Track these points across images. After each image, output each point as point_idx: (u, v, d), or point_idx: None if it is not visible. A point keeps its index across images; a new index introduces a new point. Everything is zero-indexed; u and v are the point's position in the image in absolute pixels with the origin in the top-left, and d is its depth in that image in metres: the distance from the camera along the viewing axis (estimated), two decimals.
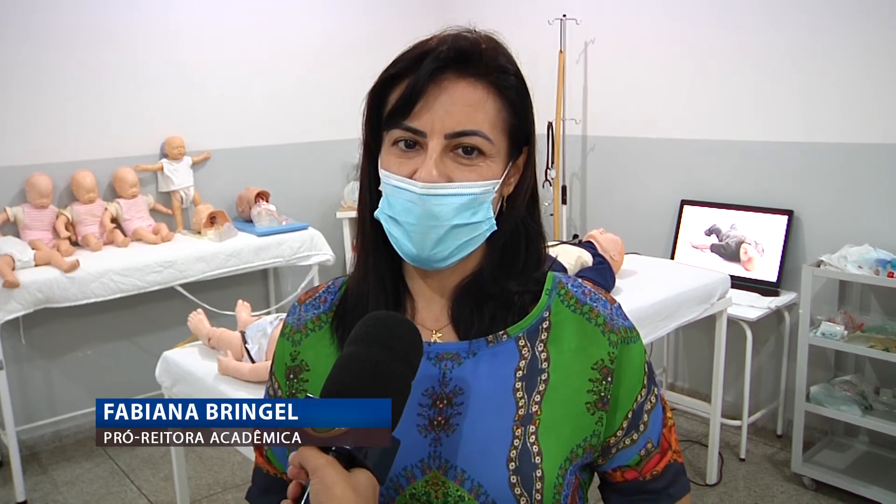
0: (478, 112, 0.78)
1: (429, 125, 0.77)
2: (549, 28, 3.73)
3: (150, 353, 3.36)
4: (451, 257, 0.81)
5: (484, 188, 0.79)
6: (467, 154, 0.79)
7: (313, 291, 0.94)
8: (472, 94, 0.78)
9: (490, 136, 0.79)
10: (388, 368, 0.71)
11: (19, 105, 3.21)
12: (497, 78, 0.80)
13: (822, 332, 2.81)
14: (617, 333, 0.85)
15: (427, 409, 0.82)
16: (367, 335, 0.73)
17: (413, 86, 0.77)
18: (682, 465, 0.92)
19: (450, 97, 0.78)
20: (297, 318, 0.92)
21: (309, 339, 0.90)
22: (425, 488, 0.80)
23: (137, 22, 3.47)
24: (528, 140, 0.85)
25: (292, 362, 0.90)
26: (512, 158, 0.83)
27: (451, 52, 0.78)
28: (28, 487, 2.98)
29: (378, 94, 0.82)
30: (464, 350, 0.84)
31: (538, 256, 0.88)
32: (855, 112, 2.96)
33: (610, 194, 3.91)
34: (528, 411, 0.81)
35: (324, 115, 4.09)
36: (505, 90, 0.80)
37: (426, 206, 0.78)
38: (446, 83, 0.78)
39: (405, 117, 0.78)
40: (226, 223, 3.48)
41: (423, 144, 0.78)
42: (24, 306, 2.81)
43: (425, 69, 0.77)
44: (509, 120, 0.81)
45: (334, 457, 0.65)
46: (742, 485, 2.98)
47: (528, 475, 0.79)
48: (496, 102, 0.80)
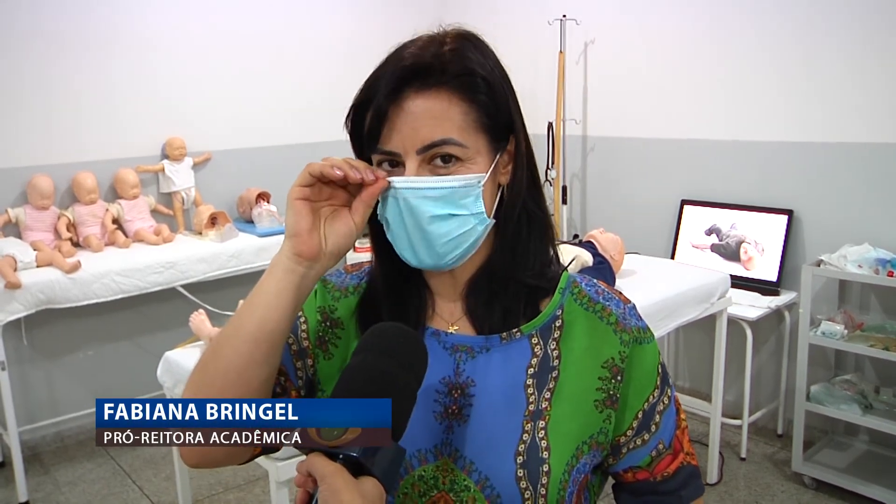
0: (442, 121, 0.78)
1: (400, 146, 0.79)
2: (549, 28, 3.73)
3: (151, 354, 3.36)
4: (449, 255, 0.81)
5: (464, 181, 0.79)
6: (445, 163, 0.79)
7: (357, 266, 0.96)
8: (433, 105, 0.78)
9: (461, 141, 0.79)
10: (395, 377, 0.71)
11: (21, 107, 3.21)
12: (458, 83, 0.79)
13: (823, 331, 2.81)
14: (629, 333, 0.86)
15: (443, 397, 0.84)
16: (374, 345, 0.74)
17: (376, 112, 0.79)
18: (696, 467, 0.91)
19: (412, 115, 0.78)
20: (340, 280, 0.94)
21: (348, 300, 0.92)
22: (434, 473, 0.82)
23: (139, 24, 3.47)
24: (513, 128, 0.84)
25: (331, 313, 0.91)
26: (498, 151, 0.83)
27: (406, 70, 0.78)
28: (30, 488, 2.99)
29: (354, 121, 0.83)
30: (478, 344, 0.85)
31: (547, 246, 0.88)
32: (855, 112, 2.96)
33: (610, 194, 3.91)
34: (538, 407, 0.83)
35: (324, 115, 4.05)
36: (470, 92, 0.80)
37: (405, 200, 0.79)
38: (406, 102, 0.78)
39: (377, 142, 0.80)
40: (227, 224, 3.49)
41: (402, 163, 0.80)
42: (25, 307, 2.81)
43: (383, 93, 0.78)
44: (480, 119, 0.81)
45: (342, 464, 0.65)
46: (742, 484, 2.99)
47: (535, 469, 0.80)
48: (461, 107, 0.79)
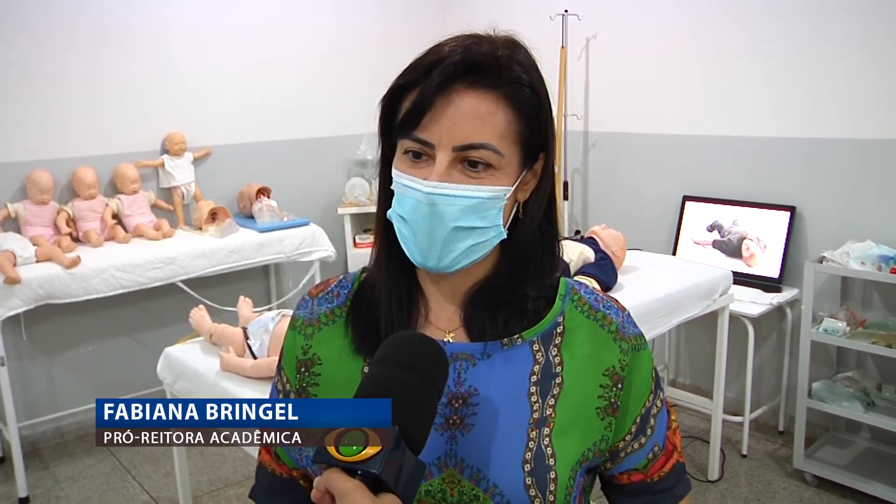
0: (486, 125, 0.77)
1: (436, 137, 0.77)
2: (550, 23, 3.72)
3: (151, 350, 3.35)
4: (457, 263, 0.80)
5: (493, 193, 0.78)
6: (473, 167, 0.78)
7: (324, 285, 0.93)
8: (481, 105, 0.77)
9: (499, 149, 0.77)
10: (416, 391, 0.70)
11: (20, 101, 3.20)
12: (510, 90, 0.78)
13: (825, 328, 2.81)
14: (628, 341, 0.86)
15: (443, 408, 0.82)
16: (393, 356, 0.71)
17: (422, 97, 0.77)
18: (683, 464, 0.93)
19: (458, 109, 0.76)
20: (309, 311, 0.91)
21: (322, 333, 0.89)
22: (441, 486, 0.80)
23: (138, 17, 3.46)
24: (545, 147, 0.83)
25: (304, 355, 0.89)
26: (526, 166, 0.82)
27: (461, 63, 0.76)
28: (30, 483, 2.99)
29: (390, 102, 0.81)
30: (478, 351, 0.84)
31: (553, 261, 0.87)
32: (857, 108, 2.95)
33: (612, 190, 3.90)
34: (543, 414, 0.82)
35: (325, 110, 4.08)
36: (518, 102, 0.79)
37: (433, 205, 0.77)
38: (455, 95, 0.76)
39: (414, 128, 0.77)
40: (227, 219, 3.48)
41: (432, 156, 0.78)
42: (25, 302, 2.81)
43: (434, 80, 0.76)
44: (521, 131, 0.79)
45: (361, 481, 0.64)
46: (744, 481, 2.98)
47: (543, 476, 0.79)
48: (507, 114, 0.78)
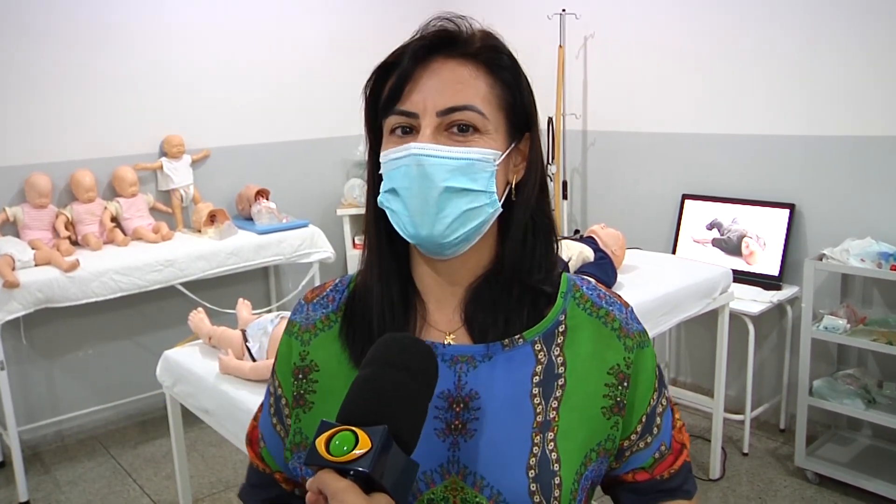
0: (468, 88, 0.78)
1: (420, 105, 0.77)
2: (548, 23, 3.72)
3: (150, 352, 3.35)
4: (453, 232, 0.78)
5: (481, 155, 0.78)
6: (462, 132, 0.78)
7: (320, 290, 0.92)
8: (461, 71, 0.78)
9: (483, 111, 0.78)
10: (407, 390, 0.69)
11: (18, 105, 3.20)
12: (488, 56, 0.80)
13: (825, 325, 2.80)
14: (632, 338, 0.85)
15: (444, 413, 0.80)
16: (382, 357, 0.71)
17: (402, 71, 0.78)
18: (689, 463, 0.93)
19: (438, 76, 0.78)
20: (305, 316, 0.90)
21: (318, 338, 0.88)
22: (444, 493, 0.78)
23: (136, 20, 3.45)
24: (530, 124, 0.84)
25: (301, 362, 0.87)
26: (514, 140, 0.82)
27: (436, 34, 0.79)
28: (30, 487, 2.98)
29: (373, 88, 0.82)
30: (479, 353, 0.82)
31: (551, 254, 0.86)
32: (856, 105, 2.94)
33: (611, 189, 3.90)
34: (546, 417, 0.80)
35: (323, 111, 4.08)
36: (497, 68, 0.80)
37: (420, 166, 0.77)
38: (434, 65, 0.78)
39: (397, 102, 0.78)
40: (226, 221, 3.47)
41: (417, 127, 0.78)
42: (24, 306, 2.80)
43: (410, 52, 0.78)
44: (504, 96, 0.80)
45: (353, 481, 0.64)
46: (745, 479, 2.98)
47: (548, 482, 0.78)
48: (488, 79, 0.80)
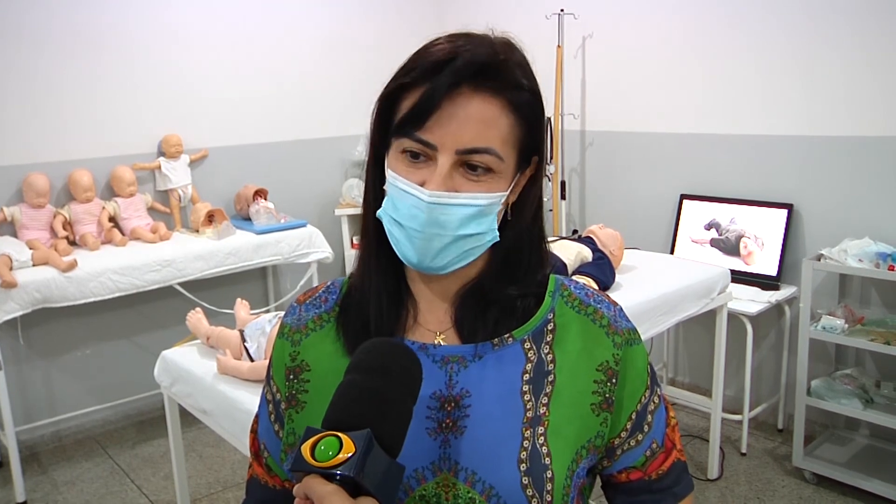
0: (490, 129, 0.76)
1: (440, 140, 0.76)
2: (546, 23, 3.72)
3: (148, 353, 3.35)
4: (452, 265, 0.80)
5: (490, 200, 0.78)
6: (473, 170, 0.77)
7: (312, 291, 0.93)
8: (486, 110, 0.76)
9: (501, 154, 0.77)
10: (389, 394, 0.69)
11: (16, 104, 3.19)
12: (512, 95, 0.78)
13: (823, 325, 2.81)
14: (621, 335, 0.85)
15: (435, 412, 0.81)
16: (364, 362, 0.71)
17: (428, 98, 0.75)
18: (685, 463, 0.92)
19: (464, 112, 0.75)
20: (296, 318, 0.91)
21: (309, 339, 0.89)
22: (436, 490, 0.79)
23: (134, 20, 3.45)
24: (538, 150, 0.83)
25: (292, 362, 0.88)
26: (520, 170, 0.82)
27: (468, 65, 0.75)
28: (28, 488, 2.98)
29: (388, 100, 0.80)
30: (469, 353, 0.83)
31: (541, 260, 0.87)
32: (855, 105, 2.95)
33: (609, 189, 3.90)
34: (536, 413, 0.81)
35: (321, 111, 4.08)
36: (519, 107, 0.78)
37: (433, 214, 0.76)
38: (461, 98, 0.75)
39: (417, 129, 0.76)
40: (224, 221, 3.47)
41: (433, 157, 0.77)
42: (22, 306, 2.80)
43: (441, 82, 0.75)
44: (520, 136, 0.79)
45: (339, 485, 0.64)
46: (743, 479, 2.98)
47: (539, 476, 0.78)
48: (509, 119, 0.78)
